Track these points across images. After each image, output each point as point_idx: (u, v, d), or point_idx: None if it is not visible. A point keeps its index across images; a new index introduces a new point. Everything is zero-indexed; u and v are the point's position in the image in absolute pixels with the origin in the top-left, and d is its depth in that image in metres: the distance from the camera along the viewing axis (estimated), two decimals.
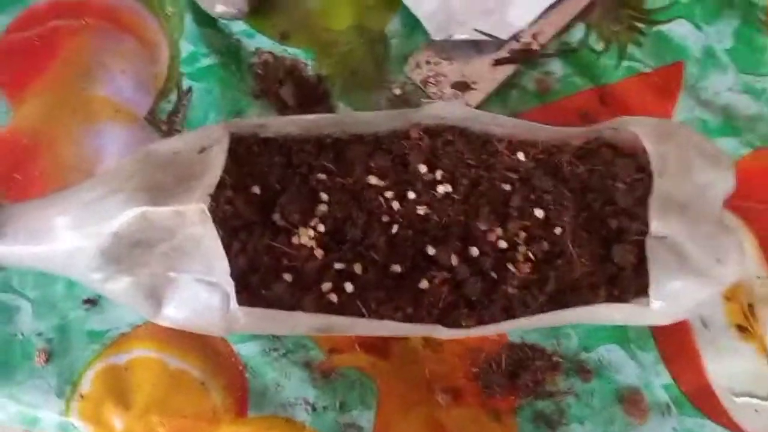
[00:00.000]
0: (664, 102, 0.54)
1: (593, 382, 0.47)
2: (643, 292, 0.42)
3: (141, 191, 0.38)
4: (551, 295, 0.42)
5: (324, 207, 0.43)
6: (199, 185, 0.39)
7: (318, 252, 0.42)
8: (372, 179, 0.45)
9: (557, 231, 0.44)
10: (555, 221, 0.44)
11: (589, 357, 0.48)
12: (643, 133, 0.43)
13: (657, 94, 0.54)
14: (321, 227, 0.43)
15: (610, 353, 0.48)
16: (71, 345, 0.48)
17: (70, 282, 0.48)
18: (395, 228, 0.43)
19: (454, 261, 0.43)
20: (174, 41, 0.54)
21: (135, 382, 0.46)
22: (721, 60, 0.55)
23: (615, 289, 0.43)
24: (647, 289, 0.41)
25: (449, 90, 0.54)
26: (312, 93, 0.53)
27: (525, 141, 0.46)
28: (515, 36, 0.55)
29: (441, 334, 0.41)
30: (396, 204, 0.44)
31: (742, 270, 0.42)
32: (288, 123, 0.45)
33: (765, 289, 0.50)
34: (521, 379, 0.47)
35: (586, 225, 0.44)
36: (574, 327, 0.48)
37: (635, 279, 0.43)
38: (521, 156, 0.45)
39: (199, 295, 0.39)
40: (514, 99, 0.54)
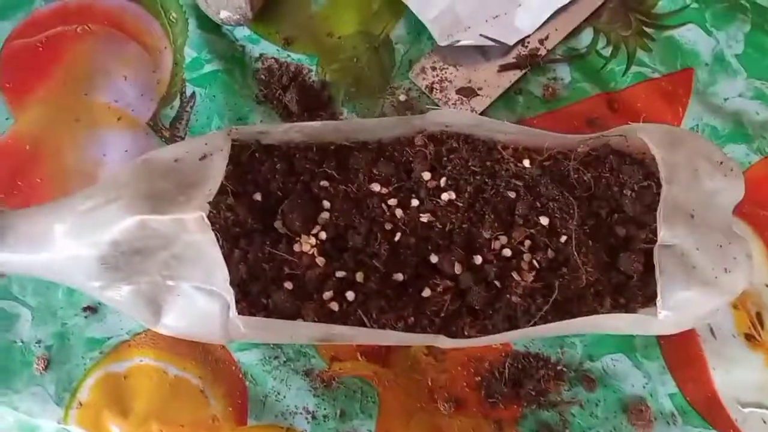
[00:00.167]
0: (673, 108, 0.53)
1: (598, 391, 0.47)
2: (650, 301, 0.41)
3: (140, 199, 0.38)
4: (556, 304, 0.42)
5: (326, 214, 0.43)
6: (199, 193, 0.39)
7: (319, 260, 0.42)
8: (375, 186, 0.44)
9: (563, 239, 0.43)
10: (560, 229, 0.43)
11: (594, 366, 0.47)
12: (651, 140, 0.43)
13: (666, 100, 0.54)
14: (323, 235, 0.42)
15: (615, 362, 0.48)
16: (70, 353, 0.48)
17: (69, 289, 0.48)
18: (398, 236, 0.43)
19: (457, 269, 0.42)
20: (178, 47, 0.54)
21: (134, 390, 0.46)
22: (732, 65, 0.54)
23: (621, 298, 0.43)
24: (654, 299, 0.40)
25: (454, 96, 0.53)
26: (316, 99, 0.53)
27: (531, 148, 0.46)
28: (522, 41, 0.55)
29: (443, 343, 0.41)
30: (399, 211, 0.44)
31: (750, 279, 0.41)
32: (290, 130, 0.44)
33: None
34: (524, 389, 0.46)
35: (592, 233, 0.43)
36: (579, 336, 0.48)
37: (642, 288, 0.43)
38: (527, 163, 0.45)
39: (199, 304, 0.39)
40: (520, 105, 0.54)
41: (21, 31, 0.54)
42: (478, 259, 0.43)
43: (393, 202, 0.44)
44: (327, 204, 0.43)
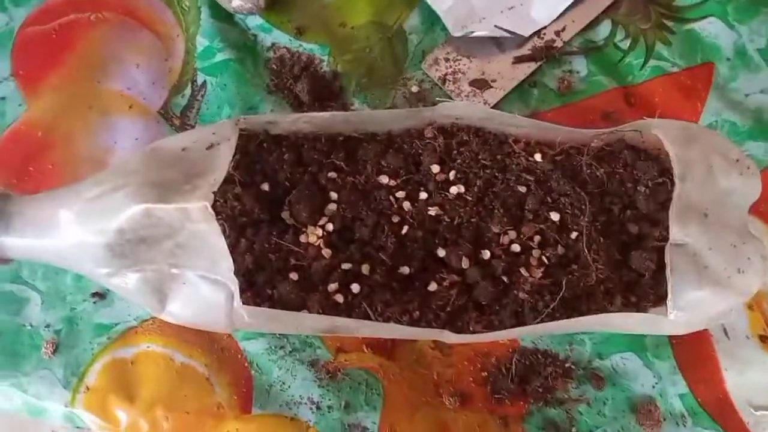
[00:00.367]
0: (692, 103, 0.52)
1: (606, 390, 0.46)
2: (662, 300, 0.41)
3: (146, 187, 0.38)
4: (564, 301, 0.41)
5: (333, 206, 0.43)
6: (205, 183, 0.39)
7: (326, 251, 0.42)
8: (383, 178, 0.44)
9: (573, 235, 0.43)
10: (571, 225, 0.43)
11: (603, 364, 0.47)
12: (666, 137, 0.42)
13: (685, 95, 0.52)
14: (330, 226, 0.42)
15: (625, 361, 0.47)
16: (79, 337, 0.48)
17: (78, 275, 0.49)
18: (405, 228, 0.43)
19: (464, 264, 0.42)
20: (190, 35, 0.54)
21: (141, 375, 0.47)
22: (754, 60, 0.53)
23: (632, 297, 0.42)
24: (665, 298, 0.39)
25: (467, 88, 0.53)
26: (327, 89, 0.53)
27: (543, 142, 0.45)
28: (538, 33, 0.54)
29: (448, 338, 0.41)
30: (407, 204, 0.43)
31: (764, 280, 0.40)
32: (299, 120, 0.44)
33: None
34: (531, 385, 0.46)
35: (603, 230, 0.43)
36: (588, 333, 0.47)
37: (654, 287, 0.42)
38: (538, 157, 0.44)
39: (204, 293, 0.39)
40: (534, 98, 0.53)
41: (35, 18, 0.54)
42: (486, 254, 0.42)
43: (401, 194, 0.44)
44: (334, 195, 0.43)
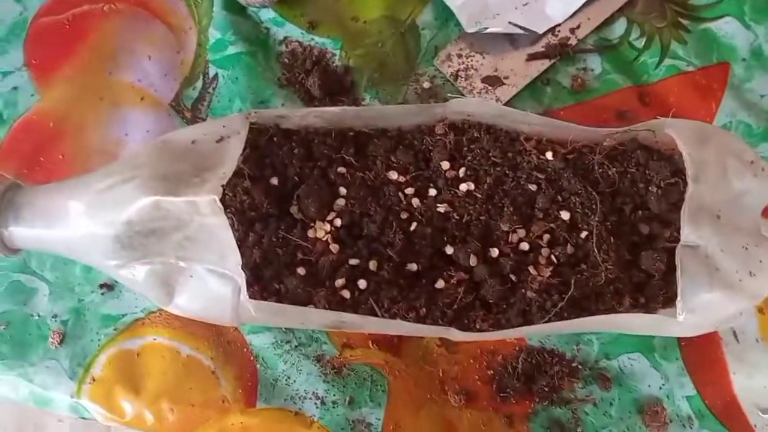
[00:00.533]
0: (706, 103, 0.52)
1: (613, 390, 0.46)
2: (671, 302, 0.40)
3: (155, 180, 0.38)
4: (573, 301, 0.41)
5: (342, 201, 0.43)
6: (214, 176, 0.39)
7: (333, 247, 0.42)
8: (393, 174, 0.44)
9: (583, 235, 0.42)
10: (581, 224, 0.42)
11: (610, 365, 0.47)
12: (680, 136, 0.41)
13: (700, 94, 0.52)
14: (338, 222, 0.42)
15: (632, 362, 0.47)
16: (86, 328, 0.48)
17: (87, 266, 0.49)
18: (414, 225, 0.43)
19: (472, 261, 0.42)
20: (202, 28, 0.54)
21: (147, 367, 0.47)
22: None
23: (641, 297, 0.42)
24: (675, 300, 0.39)
25: (480, 84, 0.52)
26: (338, 84, 0.52)
27: (555, 140, 0.45)
28: (552, 30, 0.53)
29: (454, 336, 0.41)
30: (416, 201, 0.43)
31: None
32: (309, 115, 0.44)
33: None
34: (537, 385, 0.46)
35: (614, 229, 0.42)
36: (595, 333, 0.47)
37: (663, 288, 0.42)
38: (550, 155, 0.44)
39: (211, 286, 0.39)
40: (547, 96, 0.53)
41: (48, 9, 0.54)
42: (494, 252, 0.42)
43: (410, 190, 0.43)
44: (343, 191, 0.43)
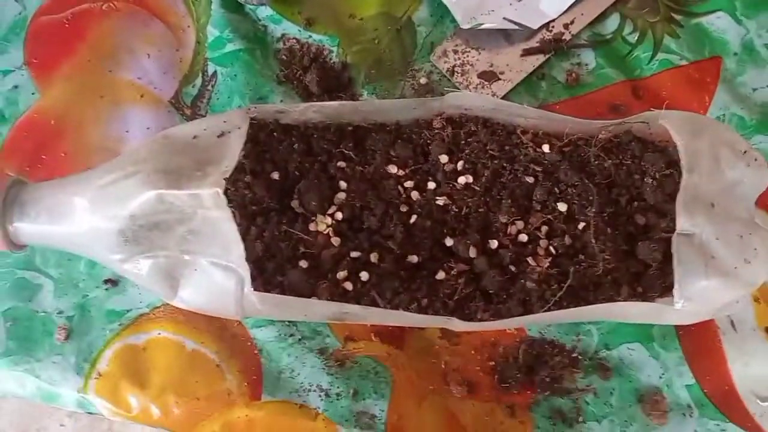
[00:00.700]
0: (699, 96, 0.52)
1: (613, 380, 0.47)
2: (668, 291, 0.41)
3: (158, 173, 0.38)
4: (571, 291, 0.41)
5: (342, 195, 0.43)
6: (216, 170, 0.39)
7: (335, 240, 0.42)
8: (392, 168, 0.44)
9: (580, 226, 0.43)
10: (578, 216, 0.43)
11: (610, 355, 0.47)
12: (674, 128, 0.42)
13: (693, 88, 0.53)
14: (339, 215, 0.43)
15: (632, 352, 0.47)
16: (91, 324, 0.48)
17: (91, 262, 0.49)
18: (413, 218, 0.43)
19: (472, 253, 0.42)
20: (201, 26, 0.54)
21: (152, 362, 0.47)
22: (761, 55, 0.53)
23: (639, 287, 0.42)
24: (671, 289, 0.39)
25: (476, 79, 0.53)
26: (336, 80, 0.53)
27: (551, 133, 0.45)
28: (546, 25, 0.54)
29: (456, 326, 0.41)
30: (415, 194, 0.44)
31: None
32: (309, 109, 0.44)
33: None
34: (538, 375, 0.46)
35: (611, 220, 0.43)
36: (595, 324, 0.48)
37: (660, 277, 0.42)
38: (546, 148, 0.45)
39: (215, 279, 0.39)
40: (542, 90, 0.53)
41: (48, 8, 0.55)
42: (493, 244, 0.43)
43: (409, 184, 0.44)
44: (344, 185, 0.43)
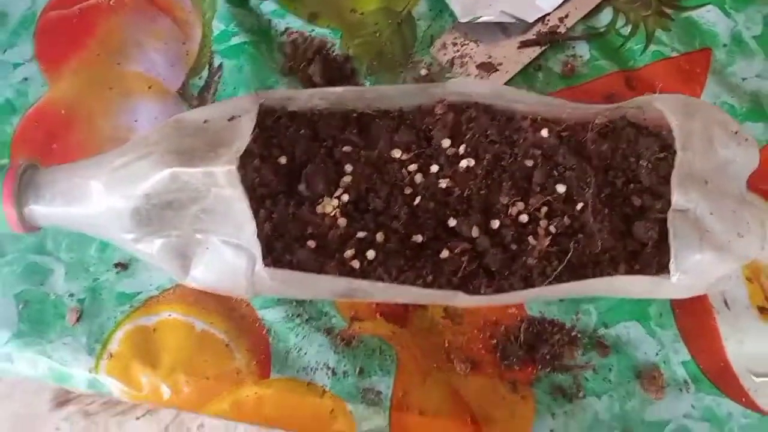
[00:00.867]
0: (691, 86, 0.54)
1: (611, 357, 0.47)
2: (664, 269, 0.41)
3: (171, 154, 0.39)
4: (571, 268, 0.42)
5: (348, 178, 0.44)
6: (228, 151, 0.40)
7: (341, 221, 0.43)
8: (396, 152, 0.45)
9: (579, 206, 0.44)
10: (577, 197, 0.44)
11: (608, 333, 0.48)
12: (668, 109, 0.43)
13: (684, 78, 0.54)
14: (345, 197, 0.43)
15: (629, 330, 0.48)
16: (102, 306, 0.49)
17: (102, 246, 0.50)
18: (417, 199, 0.44)
19: (474, 232, 0.43)
20: (207, 20, 0.56)
21: (162, 342, 0.48)
22: (750, 46, 0.55)
23: (636, 265, 0.43)
24: (667, 267, 0.41)
25: (474, 71, 0.54)
26: (339, 72, 0.54)
27: (549, 119, 0.47)
28: (542, 19, 0.55)
29: (461, 301, 0.42)
30: (419, 177, 0.45)
31: (763, 246, 0.41)
32: (314, 96, 0.45)
33: None
34: (539, 352, 0.47)
35: (608, 202, 0.44)
36: (593, 303, 0.49)
37: (656, 255, 0.43)
38: (545, 133, 0.46)
39: (226, 257, 0.40)
40: (539, 81, 0.55)
41: (57, 3, 0.56)
42: (495, 224, 0.44)
43: (413, 167, 0.45)
44: (349, 168, 0.44)
